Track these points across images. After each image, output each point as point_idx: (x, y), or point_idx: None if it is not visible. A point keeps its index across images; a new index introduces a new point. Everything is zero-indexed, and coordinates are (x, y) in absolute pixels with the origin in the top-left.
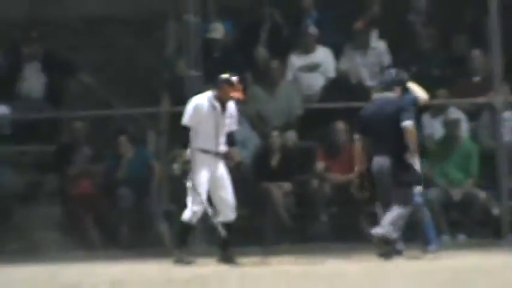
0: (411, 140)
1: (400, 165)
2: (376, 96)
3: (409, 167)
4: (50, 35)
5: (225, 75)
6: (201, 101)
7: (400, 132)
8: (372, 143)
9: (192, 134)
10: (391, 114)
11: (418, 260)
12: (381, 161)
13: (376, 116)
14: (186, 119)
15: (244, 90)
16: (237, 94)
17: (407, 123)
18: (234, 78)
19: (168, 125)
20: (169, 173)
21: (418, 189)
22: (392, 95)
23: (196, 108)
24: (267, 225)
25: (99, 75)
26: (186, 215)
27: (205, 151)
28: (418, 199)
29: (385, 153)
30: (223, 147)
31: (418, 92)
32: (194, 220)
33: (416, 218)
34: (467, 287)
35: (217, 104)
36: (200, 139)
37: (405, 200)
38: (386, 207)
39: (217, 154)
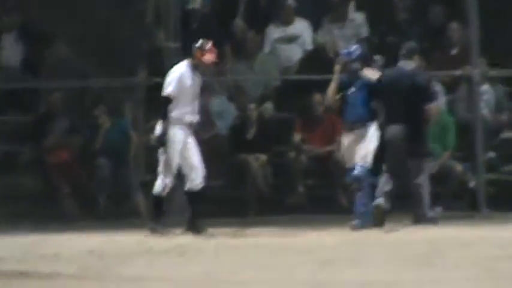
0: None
1: (415, 135)
2: (399, 64)
3: (423, 139)
4: (29, 5)
5: (198, 43)
6: (183, 71)
7: (415, 105)
8: (386, 111)
9: (171, 105)
10: (408, 87)
11: (396, 231)
12: (395, 130)
13: (393, 86)
14: (170, 90)
15: (219, 55)
16: (210, 57)
17: (433, 105)
18: (207, 44)
19: (145, 96)
20: (147, 144)
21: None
22: (411, 64)
23: (180, 79)
24: (244, 196)
25: (77, 46)
26: (158, 187)
27: (183, 121)
28: (361, 173)
29: (400, 122)
30: (197, 117)
31: (369, 73)
32: (165, 192)
33: (353, 190)
34: (443, 258)
35: (197, 73)
36: (179, 109)
37: (421, 170)
38: (397, 177)
39: (191, 124)
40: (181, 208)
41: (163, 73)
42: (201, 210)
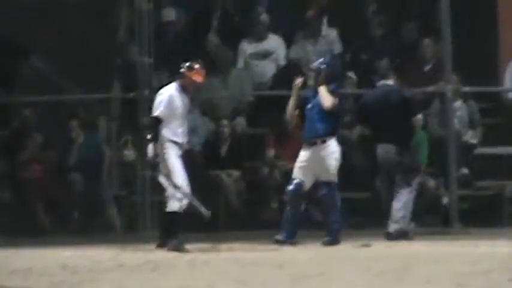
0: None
1: (405, 152)
2: (378, 84)
3: (412, 154)
4: (2, 18)
5: (187, 63)
6: (172, 92)
7: (404, 120)
8: (375, 130)
9: (161, 126)
10: (397, 103)
11: (368, 247)
12: (386, 149)
13: (381, 104)
14: (160, 111)
15: (205, 76)
16: (199, 77)
17: (419, 117)
18: (195, 64)
19: (119, 111)
20: (120, 159)
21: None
22: (391, 81)
23: (170, 100)
24: (217, 211)
25: (51, 60)
26: (174, 205)
27: (176, 142)
28: (329, 189)
29: (390, 141)
30: (186, 138)
31: (324, 97)
32: (182, 208)
33: (323, 208)
34: (414, 274)
35: (185, 95)
36: (171, 130)
37: (410, 183)
38: (390, 194)
39: (182, 145)
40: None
41: (136, 88)
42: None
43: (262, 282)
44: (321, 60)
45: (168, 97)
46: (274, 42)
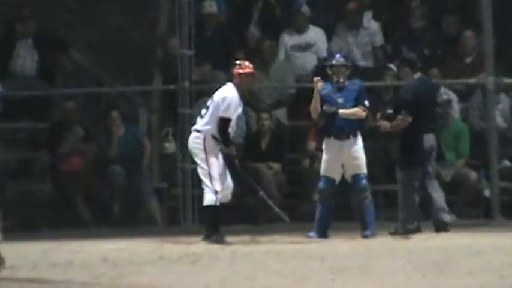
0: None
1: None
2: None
3: None
4: (43, 12)
5: (236, 63)
6: (235, 95)
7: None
8: (419, 121)
9: (211, 121)
10: (435, 92)
11: (408, 239)
12: (431, 139)
13: (425, 95)
14: (230, 113)
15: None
16: (248, 69)
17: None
18: (241, 61)
19: (159, 103)
20: (161, 151)
21: (364, 172)
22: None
23: (236, 102)
24: (258, 204)
25: (92, 53)
26: (211, 198)
27: (216, 138)
28: (363, 182)
29: (431, 131)
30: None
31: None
32: (220, 201)
33: (357, 202)
34: (456, 266)
35: (239, 94)
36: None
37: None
38: (427, 185)
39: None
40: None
41: (177, 80)
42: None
43: (302, 274)
44: (339, 55)
45: (236, 100)
46: (314, 34)
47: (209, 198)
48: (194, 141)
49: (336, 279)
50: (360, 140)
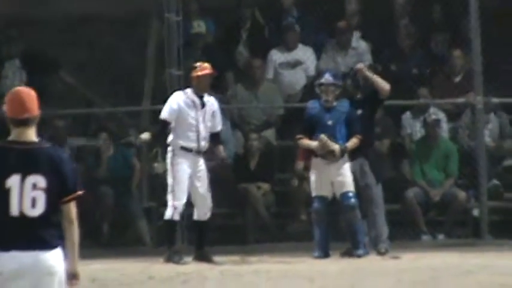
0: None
1: None
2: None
3: None
4: (32, 32)
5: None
6: (179, 95)
7: None
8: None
9: (172, 130)
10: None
11: (397, 259)
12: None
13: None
14: (163, 113)
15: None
16: (205, 70)
17: None
18: (198, 63)
19: (149, 124)
20: (150, 171)
21: (352, 190)
22: None
23: (174, 103)
24: (247, 224)
25: (81, 74)
26: (168, 212)
27: (186, 148)
28: (352, 200)
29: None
30: (205, 145)
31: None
32: (176, 216)
33: (347, 220)
34: (445, 286)
35: (196, 99)
36: (180, 136)
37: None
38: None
39: (198, 152)
40: (187, 236)
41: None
42: (207, 239)
43: None
44: (329, 74)
45: (172, 100)
46: (303, 53)
47: (167, 213)
48: (167, 155)
49: None
50: (346, 158)
